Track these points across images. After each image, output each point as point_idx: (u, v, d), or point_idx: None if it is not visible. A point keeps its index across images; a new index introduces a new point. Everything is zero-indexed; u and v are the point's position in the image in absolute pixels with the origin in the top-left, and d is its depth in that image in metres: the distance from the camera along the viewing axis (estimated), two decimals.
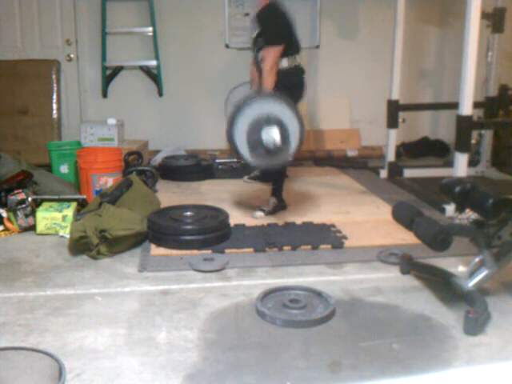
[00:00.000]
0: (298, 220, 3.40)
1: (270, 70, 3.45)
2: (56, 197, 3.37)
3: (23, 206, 3.21)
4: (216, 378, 1.75)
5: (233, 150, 3.04)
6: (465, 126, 3.44)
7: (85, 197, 3.45)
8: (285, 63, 3.62)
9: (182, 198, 3.95)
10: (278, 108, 2.93)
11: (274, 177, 3.64)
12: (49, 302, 2.29)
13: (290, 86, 3.72)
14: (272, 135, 2.82)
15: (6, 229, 3.23)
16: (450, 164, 3.85)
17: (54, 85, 5.30)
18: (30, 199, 3.27)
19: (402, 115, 4.70)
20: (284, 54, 3.56)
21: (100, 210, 2.95)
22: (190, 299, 2.33)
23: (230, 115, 2.98)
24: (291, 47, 3.60)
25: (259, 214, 3.48)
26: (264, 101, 2.99)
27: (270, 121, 2.86)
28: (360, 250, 2.92)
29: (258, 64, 3.69)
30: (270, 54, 3.47)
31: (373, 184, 4.49)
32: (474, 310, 2.04)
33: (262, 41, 3.56)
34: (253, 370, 1.79)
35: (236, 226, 3.26)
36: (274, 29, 3.58)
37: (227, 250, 2.89)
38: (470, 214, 2.94)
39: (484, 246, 2.21)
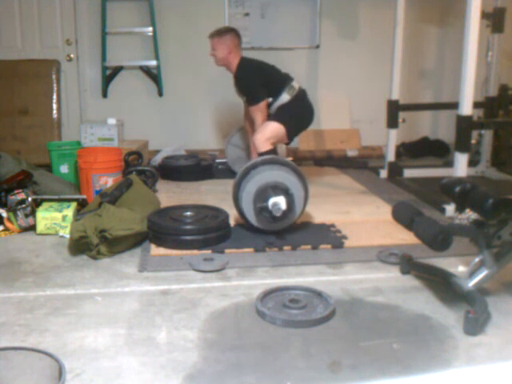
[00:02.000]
0: (298, 220, 3.39)
1: (260, 125, 3.81)
2: (56, 197, 3.38)
3: (23, 206, 3.21)
4: (216, 378, 1.75)
5: (238, 213, 3.16)
6: (465, 126, 3.44)
7: (85, 197, 3.45)
8: (285, 97, 3.82)
9: (182, 197, 3.96)
10: (285, 175, 3.04)
11: None
12: (49, 302, 2.29)
13: (300, 113, 3.85)
14: (278, 203, 2.89)
15: (6, 229, 3.23)
16: (450, 164, 3.85)
17: (54, 85, 5.31)
18: (30, 199, 3.27)
19: (402, 115, 4.70)
20: (279, 92, 3.83)
21: (100, 210, 2.95)
22: (190, 299, 2.33)
23: (236, 179, 3.12)
24: (279, 84, 3.86)
25: None
26: (272, 167, 3.10)
27: (277, 188, 2.96)
28: (360, 249, 2.92)
29: (250, 116, 4.04)
30: (256, 113, 3.85)
31: (373, 184, 4.49)
32: (473, 310, 2.04)
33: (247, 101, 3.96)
34: (253, 370, 1.79)
35: (236, 225, 3.26)
36: (250, 89, 3.90)
37: (227, 250, 2.89)
38: (470, 214, 2.94)
39: (484, 245, 2.20)
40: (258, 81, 3.88)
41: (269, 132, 3.71)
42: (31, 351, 1.68)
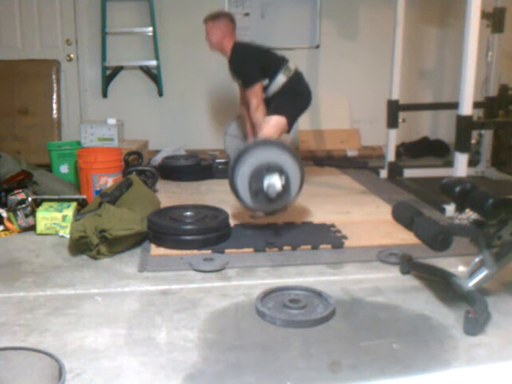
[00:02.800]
0: (298, 220, 3.40)
1: (256, 109, 3.81)
2: (56, 197, 3.37)
3: (23, 206, 3.21)
4: (216, 378, 1.75)
5: (234, 195, 3.12)
6: (465, 125, 3.44)
7: (85, 197, 3.45)
8: (282, 78, 3.79)
9: (182, 198, 3.96)
10: (279, 155, 3.00)
11: None
12: (49, 302, 2.29)
13: (295, 92, 3.82)
14: (273, 184, 2.88)
15: (6, 229, 3.23)
16: (450, 164, 3.85)
17: (54, 85, 5.31)
18: (30, 199, 3.27)
19: (402, 115, 4.70)
20: (275, 73, 3.79)
21: (100, 210, 2.95)
22: (190, 299, 2.33)
23: (231, 163, 3.07)
24: (275, 65, 3.83)
25: (259, 214, 3.48)
26: (264, 148, 3.06)
27: (271, 169, 2.93)
28: (360, 249, 2.92)
29: (246, 101, 3.98)
30: (252, 95, 3.80)
31: (373, 184, 4.49)
32: (473, 310, 2.04)
33: (243, 84, 3.91)
34: (253, 370, 1.79)
35: (236, 225, 3.26)
36: (244, 72, 3.87)
37: (227, 250, 2.89)
38: (470, 214, 2.94)
39: (484, 245, 2.20)
40: (252, 63, 3.86)
41: (271, 128, 3.68)
42: (31, 351, 1.68)
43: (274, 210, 3.05)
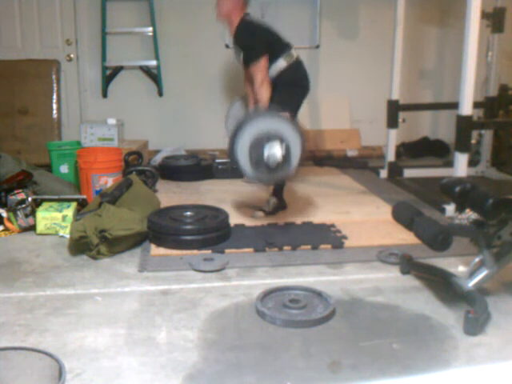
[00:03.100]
0: (298, 220, 3.40)
1: (261, 85, 3.58)
2: (56, 197, 3.38)
3: (23, 206, 3.21)
4: (216, 378, 1.75)
5: (235, 166, 3.08)
6: (465, 125, 3.44)
7: (85, 197, 3.45)
8: (282, 63, 3.68)
9: (182, 198, 3.96)
10: (279, 124, 2.96)
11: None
12: (49, 302, 2.29)
13: (295, 82, 3.76)
14: (274, 152, 2.86)
15: (6, 229, 3.23)
16: (450, 164, 3.85)
17: (54, 85, 5.31)
18: (30, 199, 3.27)
19: (402, 115, 4.70)
20: (276, 57, 3.63)
21: (100, 210, 2.95)
22: (190, 299, 2.33)
23: (231, 133, 3.03)
24: (279, 48, 3.67)
25: (259, 213, 3.48)
26: (264, 118, 3.02)
27: (271, 138, 2.90)
28: (360, 250, 2.92)
29: (250, 79, 3.77)
30: (257, 70, 3.60)
31: (373, 184, 4.49)
32: (473, 310, 2.04)
33: (246, 59, 3.69)
34: (253, 370, 1.79)
35: (236, 226, 3.26)
36: (251, 44, 3.68)
37: (227, 250, 2.89)
38: (470, 214, 2.94)
39: (484, 245, 2.21)
40: (259, 38, 3.72)
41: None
42: (31, 351, 1.68)
43: (275, 179, 3.01)
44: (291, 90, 3.79)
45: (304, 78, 3.90)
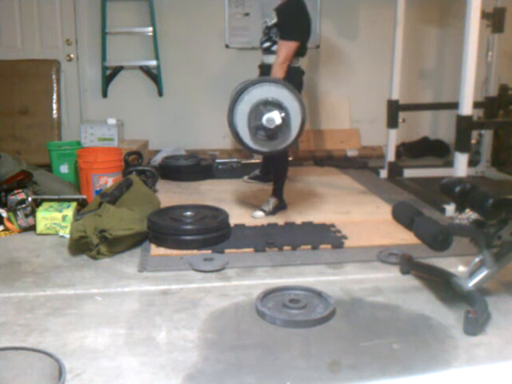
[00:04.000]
0: (298, 220, 3.40)
1: (282, 63, 3.31)
2: (56, 197, 3.37)
3: (23, 206, 3.21)
4: (216, 378, 1.75)
5: (234, 136, 3.05)
6: (465, 126, 3.44)
7: (85, 197, 3.45)
8: (294, 61, 3.51)
9: (182, 198, 3.96)
10: (277, 91, 2.93)
11: (276, 175, 3.65)
12: (49, 302, 2.29)
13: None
14: (272, 117, 2.83)
15: (6, 229, 3.23)
16: (450, 164, 3.85)
17: (54, 85, 5.30)
18: (30, 199, 3.27)
19: (402, 115, 4.70)
20: (300, 53, 3.46)
21: (100, 210, 2.95)
22: (190, 299, 2.33)
23: (230, 102, 2.98)
24: (304, 47, 3.51)
25: (259, 213, 3.48)
26: (262, 85, 2.98)
27: (269, 104, 2.87)
28: (360, 249, 2.92)
29: (263, 65, 3.60)
30: (286, 48, 3.32)
31: (373, 184, 4.49)
32: (473, 310, 2.04)
33: (276, 32, 3.43)
34: (253, 370, 1.79)
35: (236, 226, 3.26)
36: (295, 24, 3.43)
37: (227, 250, 2.89)
38: (470, 214, 2.94)
39: (484, 245, 2.21)
40: (304, 22, 3.50)
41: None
42: (31, 351, 1.68)
43: (276, 149, 2.97)
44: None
45: (299, 86, 3.74)
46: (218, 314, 2.20)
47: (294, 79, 3.47)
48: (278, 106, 2.88)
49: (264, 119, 2.85)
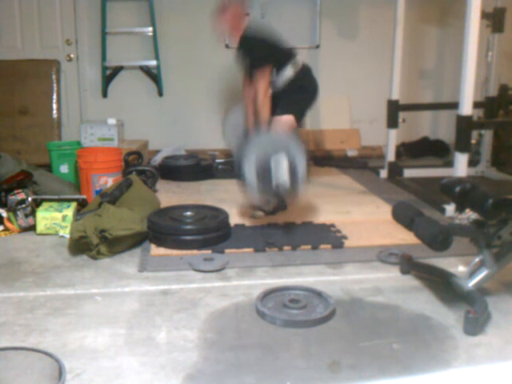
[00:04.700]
0: (298, 220, 3.40)
1: (264, 98, 3.58)
2: (56, 197, 3.38)
3: (23, 206, 3.21)
4: (216, 378, 1.75)
5: (242, 187, 3.13)
6: (465, 126, 3.44)
7: (85, 197, 3.45)
8: (289, 72, 3.69)
9: (182, 198, 3.96)
10: (285, 146, 3.01)
11: None
12: (49, 302, 2.29)
13: (302, 88, 3.76)
14: (282, 177, 2.92)
15: (6, 229, 3.23)
16: (450, 164, 3.85)
17: (54, 85, 5.31)
18: (30, 199, 3.27)
19: (402, 115, 4.70)
20: (284, 65, 3.64)
21: (100, 210, 2.95)
22: (190, 299, 2.33)
23: (236, 157, 3.09)
24: (285, 57, 3.67)
25: (259, 213, 3.48)
26: (271, 141, 3.07)
27: (278, 160, 2.96)
28: (360, 249, 2.92)
29: (249, 93, 3.81)
30: (260, 78, 3.57)
31: (373, 184, 4.49)
32: (473, 310, 2.04)
33: (252, 67, 3.68)
34: (253, 370, 1.79)
35: (236, 226, 3.26)
36: (257, 50, 3.66)
37: (227, 250, 2.89)
38: (470, 214, 2.94)
39: (484, 245, 2.21)
40: (265, 44, 3.71)
41: (282, 127, 3.56)
42: (31, 351, 1.68)
43: (281, 201, 3.04)
44: (298, 95, 3.76)
45: (312, 86, 3.87)
46: (218, 314, 2.20)
47: (298, 85, 3.65)
48: (287, 161, 2.96)
49: (273, 177, 2.95)
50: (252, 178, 3.01)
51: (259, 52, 3.66)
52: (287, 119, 3.68)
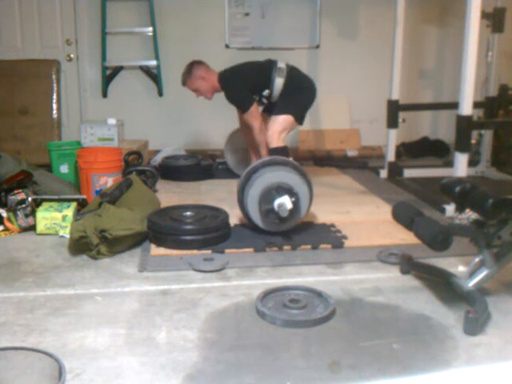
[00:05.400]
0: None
1: (260, 131, 3.95)
2: (56, 197, 3.38)
3: (23, 206, 3.21)
4: (216, 378, 1.75)
5: (244, 216, 3.17)
6: (465, 126, 3.44)
7: (85, 197, 3.45)
8: (279, 81, 3.89)
9: (182, 198, 3.95)
10: (286, 174, 3.05)
11: None
12: (49, 302, 2.29)
13: (297, 87, 3.85)
14: (284, 203, 2.91)
15: (6, 229, 3.23)
16: (450, 164, 3.85)
17: (54, 85, 5.31)
18: (29, 199, 3.27)
19: (402, 115, 4.70)
20: (270, 80, 3.88)
21: (100, 210, 2.95)
22: (190, 299, 2.33)
23: (239, 185, 3.14)
24: (266, 74, 3.91)
25: None
26: (272, 168, 3.11)
27: (280, 189, 2.96)
28: (360, 249, 2.92)
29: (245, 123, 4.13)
30: (251, 119, 3.95)
31: (373, 184, 4.49)
32: (474, 310, 2.04)
33: (240, 110, 4.05)
34: (253, 370, 1.79)
35: (236, 226, 3.26)
36: (236, 97, 4.00)
37: (227, 250, 2.89)
38: (470, 214, 2.94)
39: (484, 245, 2.21)
40: (240, 88, 3.98)
41: (278, 126, 3.79)
42: (31, 351, 1.68)
43: (284, 229, 3.07)
44: (294, 95, 3.86)
45: (306, 83, 3.98)
46: (218, 313, 2.20)
47: (288, 90, 3.91)
48: (288, 190, 2.96)
49: (276, 206, 2.93)
50: (256, 217, 3.06)
51: (239, 98, 3.98)
52: (284, 119, 3.76)
